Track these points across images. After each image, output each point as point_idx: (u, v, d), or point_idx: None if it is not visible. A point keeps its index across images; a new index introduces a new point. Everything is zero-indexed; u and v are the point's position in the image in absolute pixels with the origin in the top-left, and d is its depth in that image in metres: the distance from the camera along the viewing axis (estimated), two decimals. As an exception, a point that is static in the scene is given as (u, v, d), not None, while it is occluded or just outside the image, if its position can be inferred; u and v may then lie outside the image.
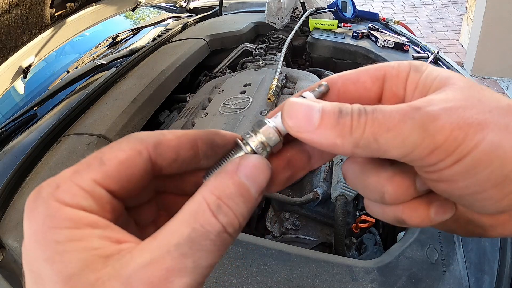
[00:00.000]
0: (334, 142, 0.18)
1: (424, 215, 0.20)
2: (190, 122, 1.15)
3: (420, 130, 0.17)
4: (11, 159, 0.95)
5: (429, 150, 0.17)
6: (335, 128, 0.18)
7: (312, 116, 0.18)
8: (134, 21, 2.11)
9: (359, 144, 0.18)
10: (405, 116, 0.17)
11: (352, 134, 0.18)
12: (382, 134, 0.17)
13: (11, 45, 0.99)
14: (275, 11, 1.64)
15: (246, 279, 0.62)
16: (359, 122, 0.18)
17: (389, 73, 0.21)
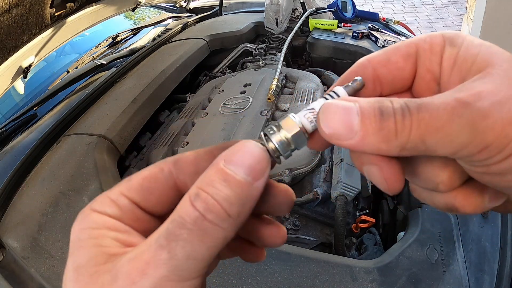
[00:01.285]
0: (378, 147, 0.17)
1: (478, 202, 0.19)
2: (190, 122, 1.15)
3: (470, 129, 0.16)
4: (11, 159, 0.95)
5: (479, 149, 0.16)
6: (378, 133, 0.17)
7: (352, 122, 0.17)
8: (134, 21, 2.11)
9: (406, 147, 0.17)
10: (454, 115, 0.16)
11: (397, 139, 0.17)
12: (430, 136, 0.16)
13: (11, 45, 0.99)
14: (273, 16, 1.64)
15: (246, 279, 0.62)
16: (404, 124, 0.17)
17: (421, 47, 0.20)
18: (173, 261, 0.16)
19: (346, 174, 0.86)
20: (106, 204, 0.19)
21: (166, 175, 0.20)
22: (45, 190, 0.85)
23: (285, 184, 0.21)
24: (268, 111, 1.08)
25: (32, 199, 0.83)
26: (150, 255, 0.16)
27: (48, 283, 0.67)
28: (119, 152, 1.03)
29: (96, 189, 0.83)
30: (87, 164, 0.90)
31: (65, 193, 0.83)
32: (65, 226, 0.75)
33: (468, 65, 0.18)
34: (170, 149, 1.04)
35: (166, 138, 1.10)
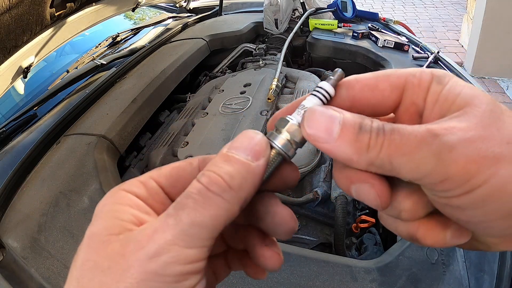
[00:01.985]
0: (350, 157, 0.19)
1: (440, 237, 0.20)
2: (190, 122, 1.15)
3: (434, 158, 0.17)
4: (11, 159, 0.95)
5: (441, 179, 0.17)
6: (353, 144, 0.19)
7: (332, 128, 0.19)
8: (134, 21, 2.12)
9: (374, 163, 0.18)
10: (422, 143, 0.17)
11: (368, 153, 0.18)
12: (397, 157, 0.18)
13: (11, 45, 0.99)
14: (272, 17, 1.64)
15: (246, 279, 0.62)
16: (376, 141, 0.18)
17: (410, 82, 0.21)
18: (178, 226, 0.18)
19: (346, 174, 0.86)
20: (135, 184, 0.21)
21: (193, 168, 0.22)
22: (45, 190, 0.85)
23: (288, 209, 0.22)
24: (268, 111, 1.08)
25: (32, 199, 0.83)
26: (159, 223, 0.18)
27: (48, 283, 0.67)
28: (119, 152, 1.03)
29: (96, 189, 0.83)
30: (87, 164, 0.90)
31: (65, 193, 0.83)
32: (65, 226, 0.75)
33: (449, 103, 0.19)
34: (170, 149, 1.04)
35: (166, 138, 1.10)
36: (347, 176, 0.20)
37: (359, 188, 0.20)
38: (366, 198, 0.20)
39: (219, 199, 0.18)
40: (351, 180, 0.20)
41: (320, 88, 0.22)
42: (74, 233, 0.74)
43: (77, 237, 0.73)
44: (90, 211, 0.78)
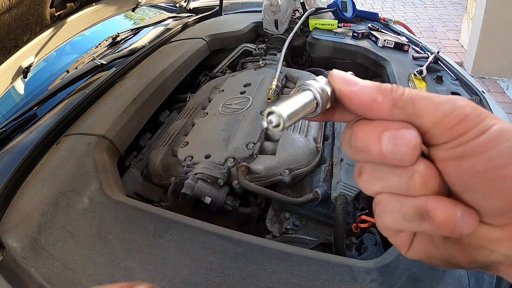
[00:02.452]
0: (375, 97, 0.21)
1: (451, 211, 0.20)
2: (190, 122, 1.15)
3: (451, 102, 0.20)
4: (11, 159, 0.95)
5: (459, 119, 0.19)
6: (377, 87, 0.21)
7: (357, 79, 0.22)
8: (134, 21, 2.12)
9: (398, 104, 0.20)
10: (439, 93, 0.21)
11: (392, 94, 0.21)
12: (419, 99, 0.20)
13: (11, 45, 0.99)
14: (272, 17, 1.64)
15: (246, 279, 0.62)
16: (398, 88, 0.21)
17: None
18: None
19: (346, 174, 0.86)
20: None
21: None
22: (45, 190, 0.85)
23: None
24: (268, 111, 1.07)
25: (32, 199, 0.83)
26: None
27: (48, 283, 0.67)
28: (119, 152, 1.03)
29: (96, 189, 0.83)
30: (87, 164, 0.90)
31: (65, 193, 0.83)
32: (65, 226, 0.75)
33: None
34: (170, 149, 1.04)
35: (166, 138, 1.10)
36: (380, 124, 0.21)
37: (396, 134, 0.20)
38: (402, 145, 0.20)
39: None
40: (385, 127, 0.20)
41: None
42: (74, 233, 0.74)
43: (77, 237, 0.73)
44: (90, 211, 0.78)
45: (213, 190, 0.87)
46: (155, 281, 0.63)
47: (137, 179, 1.05)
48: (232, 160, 0.91)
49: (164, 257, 0.67)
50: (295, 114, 0.21)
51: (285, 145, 0.93)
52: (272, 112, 0.21)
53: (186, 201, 0.87)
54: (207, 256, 0.66)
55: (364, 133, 0.21)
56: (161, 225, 0.73)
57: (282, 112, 0.21)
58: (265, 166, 0.90)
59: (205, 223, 0.73)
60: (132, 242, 0.70)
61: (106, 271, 0.66)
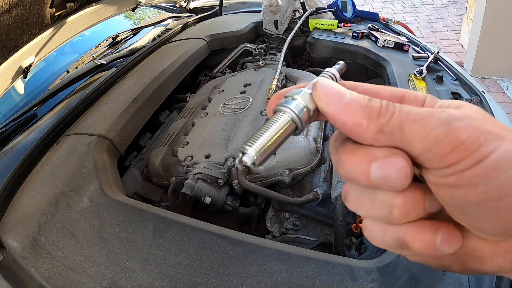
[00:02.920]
0: (360, 122, 0.19)
1: (429, 240, 0.19)
2: (190, 122, 1.15)
3: (445, 125, 0.18)
4: (11, 159, 0.95)
5: (452, 146, 0.17)
6: (364, 109, 0.19)
7: (343, 94, 0.20)
8: (134, 21, 2.12)
9: (384, 130, 0.19)
10: (432, 113, 0.18)
11: (379, 118, 0.19)
12: (409, 124, 0.18)
13: (11, 45, 0.99)
14: (271, 17, 1.64)
15: (246, 279, 0.62)
16: (388, 109, 0.19)
17: (407, 95, 0.22)
18: None
19: (346, 174, 0.86)
20: None
21: None
22: (45, 190, 0.85)
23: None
24: (268, 111, 1.08)
25: (32, 199, 0.83)
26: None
27: (48, 283, 0.67)
28: (119, 152, 1.03)
29: (96, 189, 0.83)
30: (87, 164, 0.90)
31: (65, 193, 0.83)
32: (65, 226, 0.75)
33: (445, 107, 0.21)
34: (170, 149, 1.04)
35: (166, 138, 1.10)
36: (366, 154, 0.19)
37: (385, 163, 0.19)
38: (391, 175, 0.19)
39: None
40: (372, 157, 0.19)
41: (326, 72, 0.23)
42: (74, 233, 0.74)
43: (77, 237, 0.73)
44: (90, 211, 0.78)
45: (213, 190, 0.87)
46: (155, 281, 0.63)
47: (137, 179, 1.05)
48: (232, 160, 0.91)
49: (164, 257, 0.67)
50: (269, 147, 0.21)
51: (285, 145, 0.93)
52: (244, 152, 0.20)
53: (186, 201, 0.87)
54: (207, 256, 0.66)
55: (351, 163, 0.20)
56: (161, 225, 0.73)
57: (252, 152, 0.20)
58: (265, 166, 0.90)
59: (205, 223, 0.73)
60: (132, 242, 0.70)
61: (106, 271, 0.66)
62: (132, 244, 0.70)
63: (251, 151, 0.20)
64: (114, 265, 0.67)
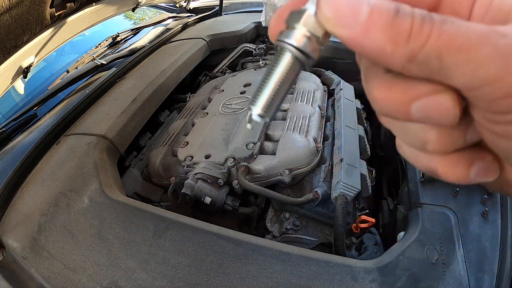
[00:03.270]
0: (383, 48, 0.14)
1: (463, 174, 0.17)
2: (190, 122, 1.15)
3: (502, 60, 0.13)
4: (11, 159, 0.95)
5: (507, 92, 0.13)
6: (388, 29, 0.14)
7: (359, 7, 0.14)
8: (134, 21, 2.12)
9: (416, 58, 0.14)
10: (487, 39, 0.13)
11: (409, 42, 0.14)
12: (451, 53, 0.13)
13: (11, 45, 0.99)
14: (271, 17, 1.64)
15: (246, 279, 0.62)
16: (421, 29, 0.14)
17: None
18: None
19: (346, 174, 0.86)
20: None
21: None
22: (45, 190, 0.85)
23: None
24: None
25: (32, 199, 0.83)
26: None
27: (48, 283, 0.67)
28: (119, 152, 1.03)
29: (96, 189, 0.83)
30: (87, 164, 0.90)
31: (65, 193, 0.83)
32: (65, 226, 0.75)
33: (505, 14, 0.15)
34: (170, 149, 1.04)
35: (166, 138, 1.10)
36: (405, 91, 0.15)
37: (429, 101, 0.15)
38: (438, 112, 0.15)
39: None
40: (413, 95, 0.15)
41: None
42: (74, 233, 0.74)
43: (77, 237, 0.73)
44: (90, 211, 0.78)
45: (213, 190, 0.87)
46: (155, 281, 0.63)
47: (137, 179, 1.05)
48: (232, 160, 0.91)
49: (164, 257, 0.67)
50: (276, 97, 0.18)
51: (285, 145, 0.93)
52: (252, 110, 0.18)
53: (186, 201, 0.87)
54: (207, 256, 0.66)
55: (386, 102, 0.16)
56: (161, 225, 0.73)
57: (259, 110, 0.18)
58: (265, 166, 0.90)
59: (205, 223, 0.73)
60: (132, 242, 0.70)
61: (106, 271, 0.66)
62: (132, 244, 0.70)
63: (257, 109, 0.18)
64: (114, 265, 0.67)
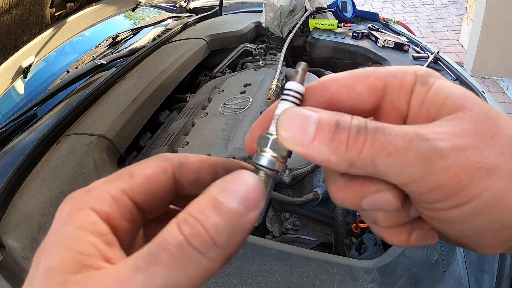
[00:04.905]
0: (328, 158, 0.17)
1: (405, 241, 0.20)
2: (190, 122, 1.15)
3: (423, 163, 0.16)
4: (11, 159, 0.95)
5: (429, 188, 0.16)
6: (330, 143, 0.17)
7: (308, 128, 0.17)
8: (134, 21, 2.11)
9: (355, 164, 0.17)
10: (410, 144, 0.16)
11: (347, 152, 0.16)
12: (382, 158, 0.16)
13: (11, 45, 0.99)
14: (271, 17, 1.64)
15: (246, 279, 0.62)
16: (356, 140, 0.16)
17: (391, 84, 0.19)
18: (149, 285, 0.14)
19: (346, 174, 0.86)
20: (106, 201, 0.17)
21: (168, 177, 0.19)
22: (45, 190, 0.85)
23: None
24: (268, 111, 1.08)
25: (32, 199, 0.83)
26: (124, 275, 0.15)
27: (48, 283, 0.67)
28: (119, 152, 1.03)
29: (96, 189, 0.83)
30: (87, 164, 0.90)
31: (65, 193, 0.83)
32: (65, 226, 0.75)
33: (437, 106, 0.18)
34: (170, 149, 1.04)
35: (166, 138, 1.10)
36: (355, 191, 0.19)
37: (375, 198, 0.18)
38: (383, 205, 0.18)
39: (201, 257, 0.15)
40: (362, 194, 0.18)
41: (288, 90, 0.20)
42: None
43: (77, 237, 0.73)
44: (90, 211, 0.77)
45: (213, 190, 0.87)
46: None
47: (137, 179, 1.05)
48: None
49: (164, 257, 0.67)
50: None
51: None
52: None
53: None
54: (207, 256, 0.66)
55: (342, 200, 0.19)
56: (161, 225, 0.73)
57: None
58: (265, 166, 0.90)
59: (205, 223, 0.73)
60: (132, 242, 0.70)
61: (106, 271, 0.66)
62: (132, 244, 0.70)
63: None
64: (114, 265, 0.66)
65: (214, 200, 0.16)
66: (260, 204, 0.17)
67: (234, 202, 0.16)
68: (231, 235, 0.16)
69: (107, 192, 0.18)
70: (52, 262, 0.16)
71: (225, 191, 0.16)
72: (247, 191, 0.17)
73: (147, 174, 0.19)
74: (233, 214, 0.16)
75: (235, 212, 0.16)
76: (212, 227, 0.15)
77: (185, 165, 0.20)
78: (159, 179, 0.19)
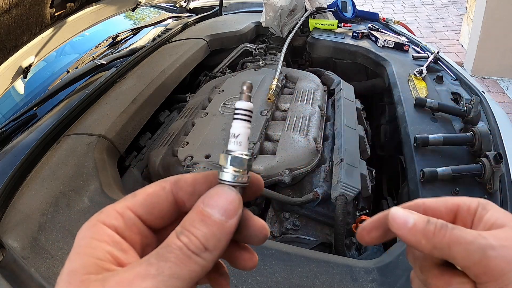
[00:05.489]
0: (420, 240, 0.24)
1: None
2: (190, 122, 1.15)
3: (481, 252, 0.22)
4: (11, 159, 0.95)
5: (484, 270, 0.22)
6: (422, 230, 0.24)
7: (409, 220, 0.25)
8: (134, 21, 2.11)
9: (437, 246, 0.24)
10: (474, 239, 0.23)
11: (433, 238, 0.24)
12: (455, 245, 0.23)
13: (11, 45, 0.99)
14: (271, 17, 1.64)
15: (246, 279, 0.62)
16: (440, 231, 0.24)
17: (461, 208, 0.27)
18: (159, 277, 0.19)
19: (346, 174, 0.86)
20: (113, 216, 0.22)
21: (167, 193, 0.24)
22: (45, 190, 0.85)
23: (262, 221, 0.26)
24: (268, 111, 1.08)
25: (32, 199, 0.83)
26: (140, 269, 0.19)
27: (48, 283, 0.67)
28: (119, 152, 1.03)
29: (96, 189, 0.83)
30: (87, 164, 0.90)
31: (65, 193, 0.83)
32: (65, 226, 0.75)
33: (491, 223, 0.25)
34: (170, 149, 1.04)
35: (166, 138, 1.10)
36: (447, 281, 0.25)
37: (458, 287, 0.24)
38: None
39: (197, 257, 0.20)
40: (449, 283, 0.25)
41: (239, 110, 0.24)
42: (74, 233, 0.73)
43: (77, 237, 0.73)
44: (90, 211, 0.78)
45: (213, 190, 0.87)
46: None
47: (137, 179, 1.05)
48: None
49: (164, 257, 0.67)
50: None
51: (285, 145, 0.93)
52: None
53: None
54: (207, 256, 0.66)
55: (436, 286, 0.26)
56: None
57: None
58: (265, 166, 0.90)
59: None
60: (132, 242, 0.70)
61: (106, 271, 0.66)
62: (132, 244, 0.70)
63: None
64: (114, 265, 0.66)
65: (201, 214, 0.21)
66: (238, 211, 0.22)
67: (217, 214, 0.21)
68: (217, 240, 0.21)
69: (113, 209, 0.23)
70: (73, 265, 0.20)
71: (209, 206, 0.22)
72: (227, 203, 0.22)
73: (148, 192, 0.24)
74: (217, 224, 0.21)
75: (219, 222, 0.21)
76: (202, 237, 0.21)
77: (182, 180, 0.24)
78: (159, 194, 0.24)
